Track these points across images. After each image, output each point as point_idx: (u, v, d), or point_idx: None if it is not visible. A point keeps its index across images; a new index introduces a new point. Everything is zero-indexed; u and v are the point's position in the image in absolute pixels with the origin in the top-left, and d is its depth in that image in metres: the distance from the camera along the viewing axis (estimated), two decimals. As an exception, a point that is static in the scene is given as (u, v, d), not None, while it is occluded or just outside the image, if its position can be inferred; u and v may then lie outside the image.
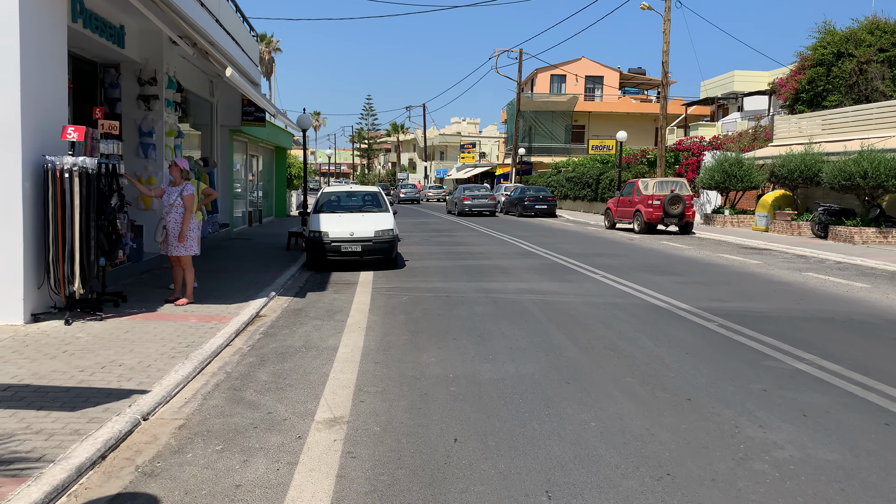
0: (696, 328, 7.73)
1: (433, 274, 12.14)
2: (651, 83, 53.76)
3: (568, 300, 9.48)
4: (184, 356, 6.17)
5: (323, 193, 14.76)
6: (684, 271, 12.74)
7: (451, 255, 15.36)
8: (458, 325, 7.77)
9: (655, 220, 21.62)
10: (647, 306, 9.06)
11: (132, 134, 11.73)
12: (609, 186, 31.57)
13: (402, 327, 7.69)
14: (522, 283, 11.00)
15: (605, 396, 5.24)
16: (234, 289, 9.89)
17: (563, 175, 38.33)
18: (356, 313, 8.52)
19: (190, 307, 8.43)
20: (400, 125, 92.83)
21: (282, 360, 6.26)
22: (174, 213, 8.56)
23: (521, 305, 9.04)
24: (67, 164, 7.18)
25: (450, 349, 6.66)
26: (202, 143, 17.37)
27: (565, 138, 50.11)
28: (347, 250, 12.46)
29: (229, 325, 7.53)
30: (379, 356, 6.40)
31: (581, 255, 15.14)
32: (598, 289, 10.52)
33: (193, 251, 8.70)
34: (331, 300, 9.49)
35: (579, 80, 50.47)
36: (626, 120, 49.97)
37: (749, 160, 24.64)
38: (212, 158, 16.76)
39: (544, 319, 8.13)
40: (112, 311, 7.96)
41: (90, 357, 6.02)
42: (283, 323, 7.98)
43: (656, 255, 15.67)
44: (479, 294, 9.95)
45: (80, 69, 10.96)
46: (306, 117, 19.32)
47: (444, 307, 8.91)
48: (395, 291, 10.21)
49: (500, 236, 20.50)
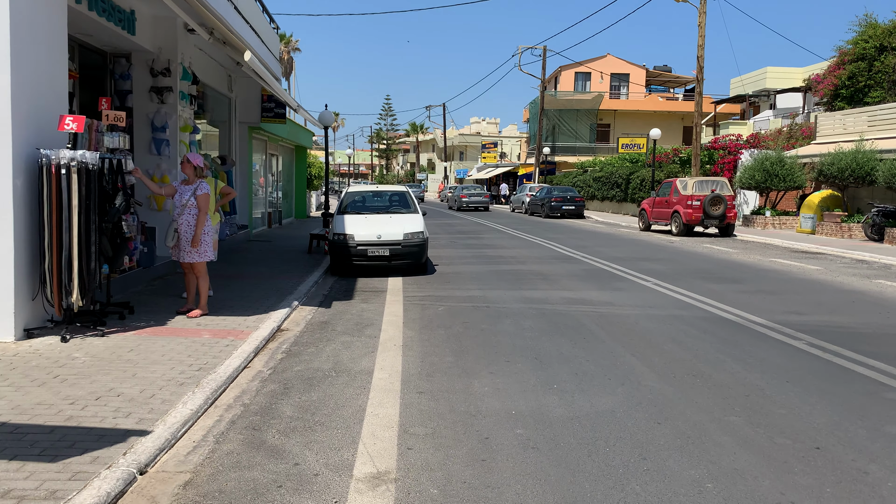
0: (785, 348, 6.66)
1: (467, 281, 11.15)
2: (678, 81, 52.34)
3: (624, 312, 8.44)
4: (194, 383, 5.25)
5: (347, 193, 13.84)
6: (742, 278, 11.63)
7: (482, 259, 14.36)
8: (508, 344, 6.77)
9: (695, 221, 20.46)
10: (716, 320, 8.00)
11: (144, 129, 10.88)
12: (640, 186, 30.37)
13: (444, 345, 6.71)
14: (568, 292, 9.97)
15: (712, 443, 4.21)
16: (252, 298, 8.98)
17: (589, 175, 37.15)
18: (389, 327, 7.55)
19: (204, 320, 7.52)
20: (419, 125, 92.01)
21: (308, 389, 5.31)
22: (187, 215, 7.66)
23: (574, 319, 8.02)
24: (64, 159, 6.29)
25: (504, 375, 5.67)
26: (220, 141, 16.53)
27: (590, 137, 48.88)
28: (374, 255, 11.51)
29: (247, 341, 6.60)
30: (422, 383, 5.42)
31: (623, 260, 14.07)
32: (653, 299, 9.47)
33: (208, 257, 7.79)
34: (359, 311, 8.54)
35: (604, 78, 49.21)
36: (652, 118, 48.64)
37: (791, 159, 23.38)
38: (230, 157, 15.91)
39: (605, 336, 7.11)
40: (117, 325, 7.07)
41: (85, 384, 5.11)
42: (307, 339, 7.04)
43: (703, 259, 14.55)
44: (522, 304, 8.94)
45: (87, 59, 10.12)
46: (328, 114, 18.44)
47: (487, 320, 7.92)
48: (429, 301, 9.24)
49: (530, 238, 19.46)
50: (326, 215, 16.16)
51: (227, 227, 14.65)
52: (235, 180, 16.60)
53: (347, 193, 13.85)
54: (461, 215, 33.36)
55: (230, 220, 15.05)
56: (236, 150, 17.14)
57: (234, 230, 15.47)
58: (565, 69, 49.48)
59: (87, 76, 10.25)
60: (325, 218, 16.11)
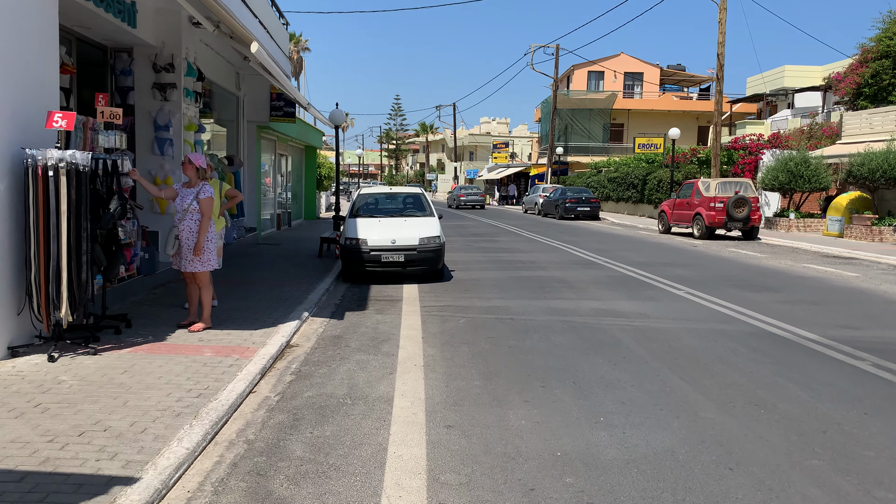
0: (850, 371, 5.99)
1: (487, 288, 10.51)
2: (692, 80, 51.48)
3: (662, 326, 7.78)
4: (192, 413, 4.64)
5: (359, 195, 13.22)
6: (779, 286, 10.93)
7: (499, 264, 13.71)
8: (541, 364, 6.13)
9: (718, 224, 19.72)
10: (763, 336, 7.32)
11: (146, 128, 10.31)
12: (658, 188, 29.62)
13: (470, 365, 6.07)
14: (596, 302, 9.31)
15: (800, 498, 3.56)
16: (259, 308, 8.37)
17: (604, 175, 36.40)
18: (407, 343, 6.92)
19: (207, 334, 6.92)
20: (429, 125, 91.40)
21: (321, 420, 4.68)
22: (188, 220, 7.05)
23: (608, 334, 7.36)
24: (52, 160, 5.70)
25: (542, 404, 5.03)
26: (227, 141, 15.97)
27: (603, 137, 48.09)
28: (389, 260, 10.89)
29: (253, 360, 5.99)
30: (450, 415, 4.79)
31: (648, 265, 13.39)
32: (689, 310, 8.80)
33: (212, 266, 7.18)
34: (374, 323, 7.92)
35: (618, 77, 48.41)
36: (666, 118, 47.81)
37: (816, 159, 22.60)
38: (237, 157, 15.34)
39: (646, 355, 6.45)
40: (112, 341, 6.48)
41: (68, 415, 4.51)
42: (319, 357, 6.42)
43: (732, 264, 13.85)
44: (549, 316, 8.30)
45: (86, 54, 9.56)
46: (339, 113, 17.87)
47: (514, 335, 7.28)
48: (449, 312, 8.61)
49: (547, 241, 18.79)
50: (337, 218, 15.57)
51: (234, 231, 14.08)
52: (243, 181, 16.05)
53: (360, 195, 13.23)
54: (472, 216, 32.72)
55: (238, 222, 14.48)
56: (244, 150, 16.58)
57: (241, 233, 14.90)
58: (578, 68, 48.73)
59: (86, 72, 9.70)
60: (336, 220, 15.53)
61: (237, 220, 14.45)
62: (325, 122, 17.20)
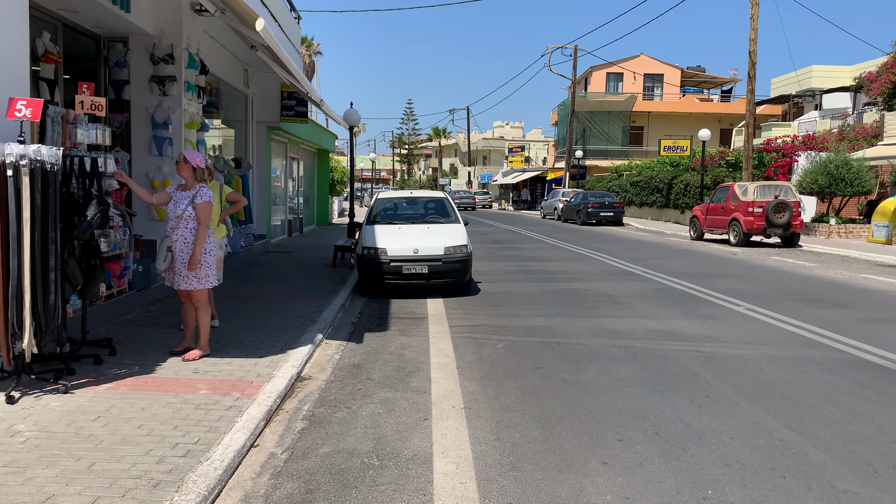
0: None
1: (522, 304, 9.40)
2: (714, 81, 50.14)
3: (736, 353, 6.63)
4: (176, 481, 3.56)
5: (378, 200, 12.16)
6: (848, 302, 9.73)
7: (529, 274, 12.59)
8: (607, 405, 5.01)
9: (757, 230, 18.49)
10: (863, 366, 6.16)
11: (143, 125, 9.30)
12: (684, 192, 28.38)
13: (520, 407, 4.97)
14: (650, 321, 8.18)
15: None
16: (266, 328, 7.31)
17: (626, 179, 35.17)
18: (441, 375, 5.83)
19: (203, 364, 5.86)
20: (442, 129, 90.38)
21: (342, 496, 3.59)
22: (183, 229, 6.00)
23: (677, 363, 6.23)
24: (11, 156, 4.66)
25: (625, 467, 3.91)
26: (235, 142, 14.97)
27: (622, 140, 46.86)
28: (411, 272, 9.80)
29: (257, 400, 4.92)
30: (509, 485, 3.68)
31: (691, 276, 12.22)
32: (760, 331, 7.64)
33: (210, 283, 6.12)
34: (399, 348, 6.83)
35: (637, 79, 47.20)
36: (687, 120, 46.56)
37: (858, 161, 21.33)
38: (245, 159, 14.33)
39: (732, 392, 5.32)
40: (90, 373, 5.43)
41: (13, 485, 3.45)
42: (336, 394, 5.33)
43: (783, 275, 12.64)
44: (601, 340, 7.17)
45: (76, 43, 8.57)
46: (354, 113, 16.82)
47: (565, 365, 6.16)
48: (483, 333, 7.51)
49: (574, 249, 17.65)
50: (352, 224, 14.50)
51: (241, 238, 13.07)
52: (252, 185, 15.05)
53: (378, 200, 12.17)
54: (490, 221, 31.59)
55: (245, 229, 13.46)
56: (253, 152, 15.58)
57: (249, 241, 13.88)
58: (596, 69, 47.56)
59: (77, 65, 8.73)
60: (351, 227, 14.46)
61: (245, 227, 13.44)
62: (338, 122, 16.17)
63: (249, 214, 13.78)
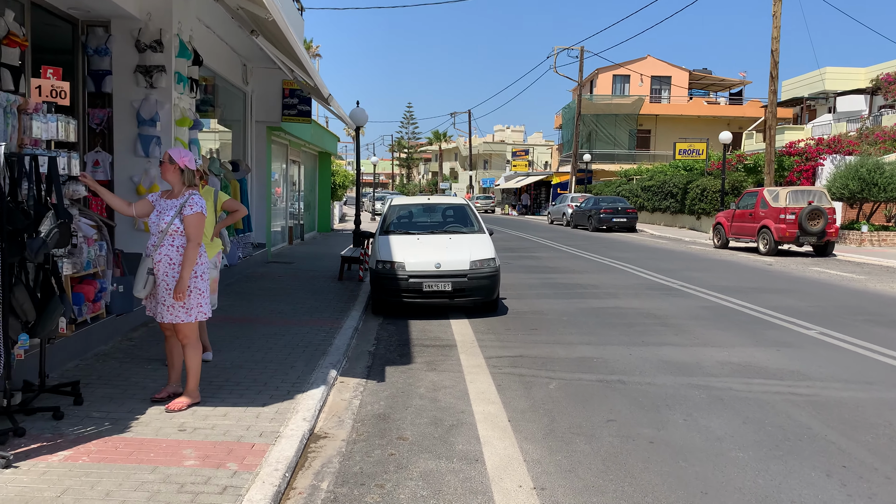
0: None
1: (560, 326, 8.21)
2: (723, 84, 49.11)
3: (843, 396, 5.45)
4: None
5: (391, 207, 10.97)
6: (930, 323, 8.57)
7: (557, 289, 11.41)
8: (723, 484, 3.81)
9: (789, 238, 17.33)
10: None
11: (128, 122, 8.12)
12: (700, 197, 27.24)
13: (610, 488, 3.77)
14: (717, 350, 7.00)
15: None
16: (269, 361, 6.12)
17: (637, 183, 34.02)
18: (492, 434, 4.63)
19: (192, 416, 4.66)
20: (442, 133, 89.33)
21: None
22: (168, 247, 4.80)
23: (779, 412, 5.04)
24: (-70, 155, 3.47)
25: None
26: (233, 144, 13.78)
27: (629, 144, 45.76)
28: (432, 289, 8.63)
29: (260, 476, 3.72)
30: None
31: (735, 291, 11.05)
32: (853, 365, 6.46)
33: (201, 314, 4.90)
34: (430, 389, 5.64)
35: (644, 81, 46.13)
36: (696, 124, 45.50)
37: (891, 165, 20.22)
38: (244, 162, 13.13)
39: (871, 458, 4.13)
40: (45, 433, 4.24)
41: None
42: (361, 464, 4.13)
43: (837, 290, 11.47)
44: (671, 377, 5.99)
45: (49, 27, 7.41)
46: (361, 111, 15.68)
47: (643, 416, 4.97)
48: (527, 367, 6.32)
49: (596, 258, 16.46)
50: (359, 233, 13.29)
51: (239, 249, 11.86)
52: (251, 191, 13.86)
53: (392, 207, 10.97)
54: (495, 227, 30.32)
55: (244, 238, 12.26)
56: (252, 154, 14.39)
57: (248, 251, 12.68)
58: (602, 72, 46.49)
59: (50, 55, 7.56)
60: (357, 236, 13.26)
61: (243, 237, 12.24)
62: (345, 122, 15.00)
63: (248, 223, 12.58)
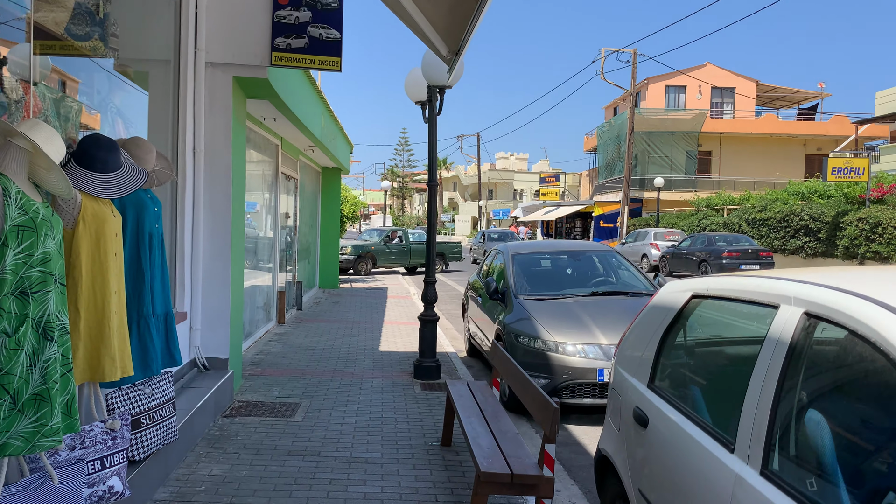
0: None
1: None
2: (794, 97, 41.67)
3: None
4: None
5: (514, 257, 3.71)
6: None
7: None
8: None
9: None
10: None
11: None
12: (871, 234, 19.15)
13: None
14: None
15: None
16: None
17: (739, 215, 25.99)
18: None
19: None
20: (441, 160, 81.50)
21: None
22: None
23: None
24: None
25: None
26: (150, 114, 5.39)
27: (687, 167, 37.95)
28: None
29: None
30: None
31: None
32: None
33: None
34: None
35: (703, 93, 38.57)
36: (767, 144, 37.95)
37: None
38: (162, 157, 4.72)
39: None
40: None
41: None
42: None
43: None
44: None
45: None
46: (438, 63, 7.37)
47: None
48: None
49: None
50: (431, 296, 5.94)
51: (141, 398, 3.37)
52: (183, 230, 5.50)
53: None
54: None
55: (134, 390, 3.81)
56: (197, 141, 5.99)
57: (167, 393, 4.16)
58: (653, 81, 38.86)
59: None
60: (428, 320, 4.97)
61: (141, 386, 3.77)
62: (431, 78, 6.80)
63: (162, 303, 4.10)
